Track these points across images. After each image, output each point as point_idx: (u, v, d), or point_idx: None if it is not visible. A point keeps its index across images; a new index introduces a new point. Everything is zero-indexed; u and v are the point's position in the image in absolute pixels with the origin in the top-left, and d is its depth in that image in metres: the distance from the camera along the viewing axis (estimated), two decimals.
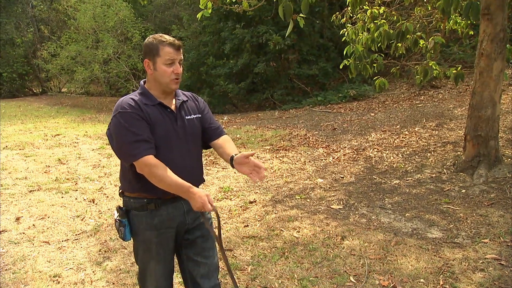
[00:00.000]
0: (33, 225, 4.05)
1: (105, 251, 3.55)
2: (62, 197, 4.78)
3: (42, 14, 17.96)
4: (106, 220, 4.20)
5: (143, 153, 1.82)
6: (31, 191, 4.97)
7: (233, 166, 2.01)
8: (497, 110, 4.77)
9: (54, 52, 14.46)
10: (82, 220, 4.20)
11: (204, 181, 2.17)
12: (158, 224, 1.95)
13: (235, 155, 2.00)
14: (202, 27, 11.95)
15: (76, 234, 3.88)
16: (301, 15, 3.74)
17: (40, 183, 5.22)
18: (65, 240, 3.75)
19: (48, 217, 4.23)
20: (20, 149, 6.94)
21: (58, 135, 8.21)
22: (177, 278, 2.93)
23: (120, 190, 2.05)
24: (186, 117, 2.03)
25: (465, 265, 3.17)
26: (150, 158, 1.83)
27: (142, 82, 2.05)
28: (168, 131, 1.95)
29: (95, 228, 4.00)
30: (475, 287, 2.89)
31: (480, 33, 4.66)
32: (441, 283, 2.99)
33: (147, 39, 2.00)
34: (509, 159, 4.95)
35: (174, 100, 2.04)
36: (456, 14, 5.24)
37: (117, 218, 2.00)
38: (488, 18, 4.48)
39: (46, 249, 3.59)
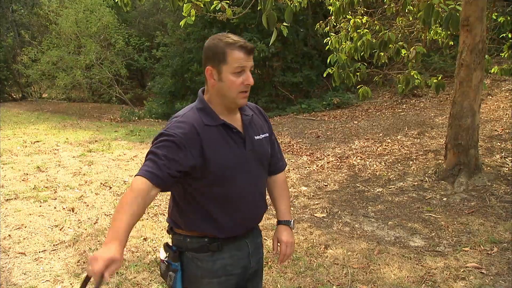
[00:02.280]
0: (9, 235, 3.94)
1: (84, 262, 3.46)
2: (40, 206, 4.67)
3: (23, 19, 17.70)
4: (86, 229, 4.12)
5: (144, 173, 1.43)
6: (7, 200, 4.84)
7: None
8: (477, 119, 4.85)
9: (35, 57, 14.23)
10: (60, 229, 4.10)
11: (267, 207, 1.82)
12: (220, 270, 1.61)
13: (285, 222, 1.80)
14: (186, 33, 11.93)
15: (54, 245, 3.77)
16: (284, 23, 3.76)
17: (18, 191, 5.10)
18: (42, 251, 3.65)
19: (25, 227, 4.12)
20: None
21: (37, 141, 8.06)
22: None
23: (170, 226, 1.69)
24: (255, 137, 1.65)
25: (446, 274, 3.19)
26: (143, 182, 1.41)
27: (200, 92, 1.64)
28: (233, 158, 1.57)
29: (74, 238, 3.90)
30: None
31: (459, 44, 4.75)
32: None
33: (209, 40, 1.57)
34: (489, 168, 5.03)
35: (239, 115, 1.65)
36: (437, 25, 5.33)
37: (166, 260, 1.63)
38: (468, 29, 4.56)
39: (22, 260, 3.48)
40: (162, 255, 1.66)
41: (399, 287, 3.07)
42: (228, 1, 3.84)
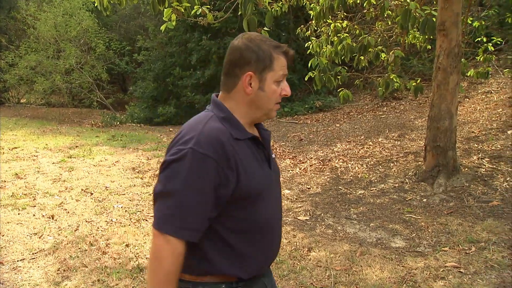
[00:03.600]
0: None
1: (64, 270, 3.41)
2: (18, 214, 4.59)
3: (0, 23, 17.39)
4: (66, 237, 4.06)
5: (178, 232, 1.19)
6: None
7: None
8: (454, 122, 4.96)
9: (12, 62, 13.97)
10: (40, 237, 4.04)
11: None
12: None
13: None
14: (168, 37, 11.90)
15: (33, 253, 3.71)
16: (265, 28, 3.79)
17: None
18: (20, 260, 3.58)
19: (3, 236, 4.04)
20: None
21: (15, 148, 7.92)
22: None
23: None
24: (272, 155, 1.43)
25: (426, 274, 3.25)
26: (176, 246, 1.19)
27: (218, 99, 1.35)
28: (263, 179, 1.33)
29: (54, 246, 3.85)
30: None
31: (436, 48, 4.86)
32: None
33: (246, 40, 1.31)
34: (466, 169, 5.14)
35: (256, 130, 1.41)
36: (415, 29, 5.43)
37: None
38: (444, 34, 4.67)
39: (0, 270, 3.42)
40: None
41: (381, 287, 3.12)
42: (209, 6, 3.86)
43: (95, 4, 4.27)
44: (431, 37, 5.20)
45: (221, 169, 1.20)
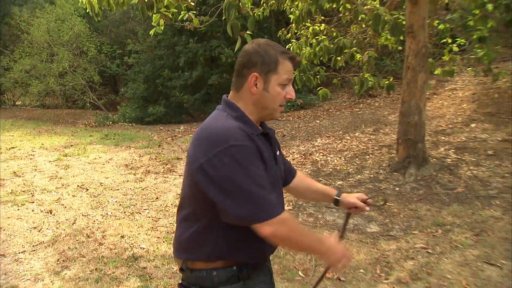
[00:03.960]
0: None
1: (63, 261, 3.44)
2: (18, 210, 4.57)
3: None
4: (64, 230, 4.07)
5: (280, 209, 1.24)
6: None
7: (336, 204, 1.65)
8: (423, 116, 5.07)
9: (7, 66, 13.75)
10: (39, 231, 4.03)
11: None
12: None
13: (338, 196, 1.63)
14: (157, 41, 11.83)
15: (33, 246, 3.72)
16: (248, 32, 3.84)
17: None
18: (21, 252, 3.59)
19: (4, 230, 4.02)
20: None
21: (13, 148, 7.81)
22: None
23: (188, 262, 1.36)
24: (277, 152, 1.47)
25: (398, 255, 3.36)
26: (287, 215, 1.26)
27: (229, 99, 1.38)
28: (275, 172, 1.37)
29: (53, 239, 3.85)
30: (406, 274, 3.07)
31: (406, 49, 4.95)
32: (378, 272, 3.16)
33: (255, 45, 1.36)
34: (435, 159, 5.27)
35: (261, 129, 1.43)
36: (386, 32, 5.54)
37: None
38: (412, 36, 4.77)
39: (1, 261, 3.42)
40: None
41: (357, 269, 3.22)
42: (195, 12, 3.89)
43: (87, 10, 4.25)
44: (401, 38, 5.31)
45: (260, 155, 1.27)
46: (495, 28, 5.87)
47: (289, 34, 6.54)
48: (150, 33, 4.10)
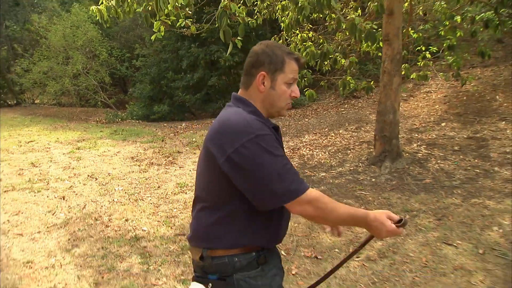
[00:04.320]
0: (8, 220, 3.93)
1: (74, 240, 3.53)
2: (34, 196, 4.65)
3: (16, 34, 17.04)
4: (75, 214, 4.16)
5: (306, 185, 1.20)
6: (5, 191, 4.79)
7: None
8: (397, 116, 5.16)
9: (27, 68, 13.79)
10: (53, 214, 4.12)
11: None
12: (272, 282, 1.31)
13: None
14: (162, 46, 11.88)
15: (47, 227, 3.80)
16: (238, 38, 3.92)
17: (14, 184, 5.05)
18: (37, 232, 3.68)
19: (22, 213, 4.12)
20: None
21: (31, 141, 7.89)
22: None
23: (208, 251, 1.28)
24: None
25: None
26: (316, 192, 1.22)
27: (241, 96, 1.34)
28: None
29: (65, 221, 3.94)
30: (375, 253, 3.17)
31: (383, 55, 5.04)
32: (351, 251, 3.24)
33: (263, 46, 1.33)
34: (407, 154, 5.37)
35: None
36: (362, 39, 5.60)
37: None
38: (388, 44, 4.86)
39: (20, 240, 3.51)
40: None
41: (333, 249, 3.32)
42: (191, 19, 3.97)
43: (97, 18, 4.32)
44: (379, 45, 5.39)
45: (276, 140, 1.24)
46: (463, 37, 5.96)
47: (281, 41, 6.62)
48: (151, 38, 4.18)
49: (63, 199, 4.58)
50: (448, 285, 2.66)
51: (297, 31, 6.33)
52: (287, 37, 6.53)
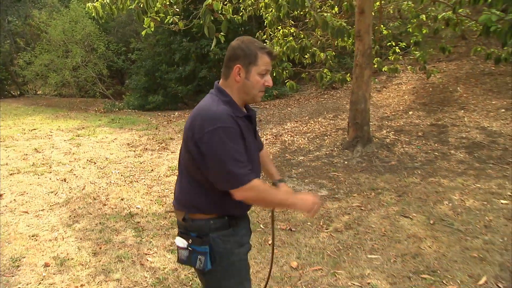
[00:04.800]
0: (14, 200, 4.00)
1: (74, 217, 3.62)
2: (38, 178, 4.71)
3: (18, 28, 16.69)
4: (76, 194, 4.24)
5: (251, 176, 1.33)
6: (11, 174, 4.84)
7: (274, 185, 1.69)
8: (368, 105, 5.29)
9: (29, 61, 13.58)
10: (55, 195, 4.20)
11: None
12: (242, 240, 1.49)
13: (280, 181, 1.67)
14: (156, 40, 11.79)
15: (50, 206, 3.89)
16: (221, 33, 3.99)
17: (19, 167, 5.09)
18: (41, 210, 3.76)
19: (27, 193, 4.18)
20: (1, 141, 6.63)
21: (34, 129, 7.87)
22: None
23: (187, 215, 1.44)
24: (257, 128, 1.58)
25: (338, 212, 3.62)
26: (258, 181, 1.34)
27: (220, 85, 1.45)
28: (254, 145, 1.48)
29: (66, 201, 4.02)
30: (342, 225, 3.35)
31: (355, 50, 5.15)
32: (321, 224, 3.42)
33: (238, 41, 1.43)
34: (377, 139, 5.54)
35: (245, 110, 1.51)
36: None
37: (190, 247, 1.43)
38: (360, 39, 4.97)
39: (25, 217, 3.60)
40: (181, 243, 1.46)
41: (306, 222, 3.47)
42: (178, 16, 4.02)
43: (92, 14, 4.33)
44: (353, 40, 5.49)
45: (241, 135, 1.35)
46: (428, 34, 6.10)
47: (265, 36, 6.69)
48: (142, 34, 4.21)
49: (65, 181, 4.65)
50: (401, 250, 2.85)
51: (280, 27, 6.40)
52: (271, 32, 6.59)
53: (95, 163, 5.43)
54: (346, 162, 5.06)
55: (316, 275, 2.60)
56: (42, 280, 2.59)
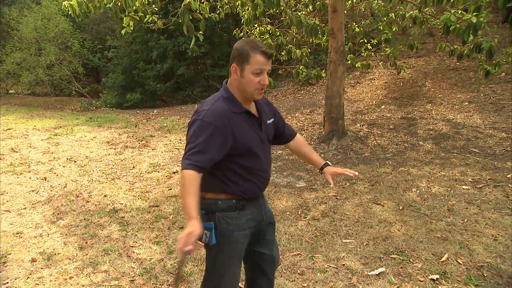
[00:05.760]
0: None
1: (58, 214, 3.63)
2: (17, 178, 4.65)
3: None
4: (57, 192, 4.23)
5: (190, 166, 1.44)
6: None
7: (320, 171, 1.83)
8: (342, 99, 5.49)
9: (0, 59, 13.15)
10: (36, 193, 4.18)
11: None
12: (245, 224, 1.61)
13: (325, 165, 1.80)
14: (132, 38, 11.65)
15: (32, 204, 3.87)
16: (200, 32, 4.08)
17: None
18: (23, 208, 3.75)
19: (7, 193, 4.14)
20: None
21: (9, 129, 7.66)
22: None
23: (202, 192, 1.54)
24: (267, 121, 1.67)
25: (316, 201, 3.80)
26: (191, 174, 1.43)
27: (225, 83, 1.60)
28: (254, 138, 1.58)
29: (48, 199, 4.02)
30: (319, 213, 3.53)
31: (329, 47, 5.34)
32: (299, 213, 3.58)
33: (238, 42, 1.55)
34: (351, 133, 5.77)
35: (253, 103, 1.64)
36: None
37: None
38: (333, 37, 5.16)
39: (8, 216, 3.58)
40: None
41: (285, 212, 3.63)
42: (157, 15, 4.07)
43: (69, 12, 4.30)
44: (327, 38, 5.68)
45: (220, 131, 1.47)
46: (398, 32, 6.38)
47: (242, 33, 6.79)
48: (121, 32, 4.24)
49: (45, 180, 4.62)
50: (373, 234, 3.06)
51: (256, 25, 6.52)
52: (248, 30, 6.70)
53: (75, 161, 5.40)
54: (322, 155, 5.24)
55: (295, 260, 2.77)
56: (31, 274, 2.63)
